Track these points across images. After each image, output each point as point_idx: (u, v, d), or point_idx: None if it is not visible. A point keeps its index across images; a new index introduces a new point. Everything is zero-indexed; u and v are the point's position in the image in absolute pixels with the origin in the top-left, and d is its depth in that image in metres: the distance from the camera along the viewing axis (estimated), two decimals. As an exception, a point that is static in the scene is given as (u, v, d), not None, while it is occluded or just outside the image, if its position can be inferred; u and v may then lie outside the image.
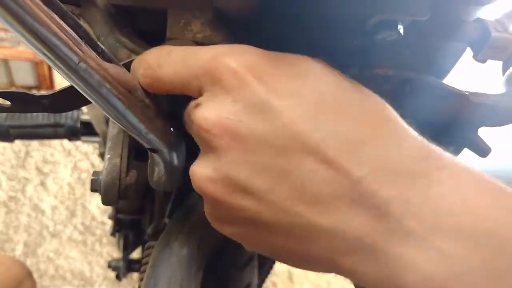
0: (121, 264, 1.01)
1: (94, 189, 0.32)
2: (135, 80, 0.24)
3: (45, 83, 1.67)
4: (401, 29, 0.25)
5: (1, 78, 1.64)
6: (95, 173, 0.32)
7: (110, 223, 1.01)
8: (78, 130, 0.74)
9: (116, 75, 0.21)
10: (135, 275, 1.31)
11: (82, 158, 1.59)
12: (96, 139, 0.77)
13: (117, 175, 0.30)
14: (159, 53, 0.24)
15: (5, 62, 1.59)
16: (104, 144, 0.50)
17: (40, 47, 0.17)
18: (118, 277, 1.08)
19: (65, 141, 1.45)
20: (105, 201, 0.31)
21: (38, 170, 1.54)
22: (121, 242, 0.96)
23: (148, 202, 0.59)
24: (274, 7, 0.26)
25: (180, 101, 0.25)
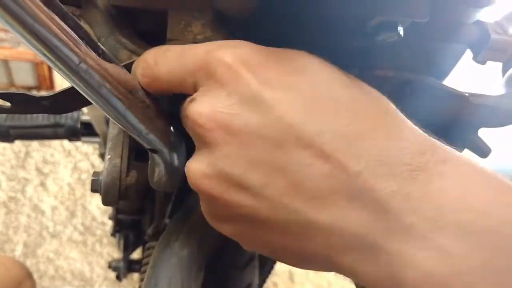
0: (122, 264, 1.01)
1: (94, 189, 0.32)
2: (135, 81, 0.24)
3: (45, 83, 1.67)
4: (401, 31, 0.25)
5: (1, 78, 1.64)
6: (95, 174, 0.32)
7: (110, 223, 1.01)
8: (78, 130, 0.74)
9: (116, 76, 0.21)
10: (135, 276, 1.31)
11: (82, 158, 1.59)
12: (96, 139, 0.77)
13: (118, 176, 0.30)
14: (156, 52, 0.25)
15: (5, 62, 1.59)
16: (104, 144, 0.50)
17: (41, 48, 0.17)
18: (119, 277, 1.08)
19: (65, 142, 1.46)
20: (106, 202, 0.31)
21: (38, 170, 1.54)
22: (122, 242, 0.96)
23: (148, 202, 0.59)
24: (274, 8, 0.26)
25: (180, 101, 0.25)
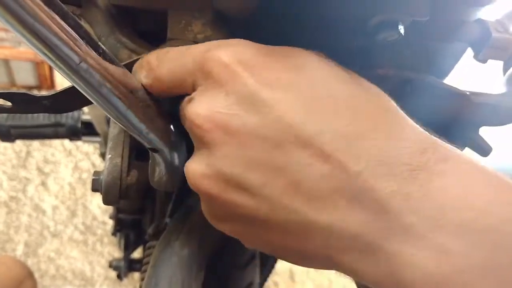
0: (122, 264, 1.01)
1: (95, 189, 0.32)
2: (136, 80, 0.24)
3: (45, 83, 1.67)
4: (401, 30, 0.25)
5: (2, 78, 1.64)
6: (96, 173, 0.32)
7: (111, 223, 1.01)
8: (79, 130, 0.74)
9: (117, 75, 0.21)
10: (136, 275, 1.31)
11: (83, 158, 1.59)
12: (97, 139, 0.77)
13: (118, 175, 0.30)
14: (158, 54, 0.25)
15: (6, 62, 1.59)
16: (105, 144, 0.50)
17: (41, 47, 0.17)
18: (119, 277, 1.08)
19: (66, 141, 1.45)
20: (106, 201, 0.31)
21: (39, 170, 1.55)
22: (122, 242, 0.96)
23: (149, 202, 0.60)
24: (274, 7, 0.26)
25: (180, 100, 0.25)
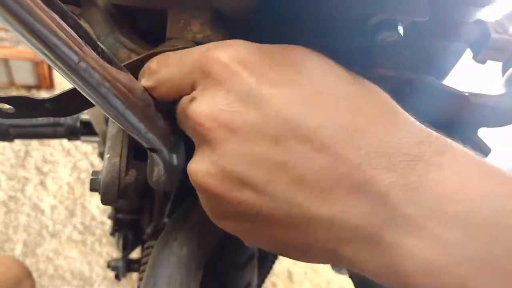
0: (121, 264, 1.01)
1: (93, 188, 0.32)
2: (135, 80, 0.24)
3: (45, 82, 1.67)
4: (401, 30, 0.25)
5: (1, 77, 1.64)
6: (94, 173, 0.32)
7: (109, 222, 1.01)
8: (78, 129, 0.74)
9: (116, 75, 0.21)
10: (134, 275, 1.31)
11: (82, 157, 1.59)
12: (96, 138, 0.76)
13: (117, 175, 0.30)
14: (159, 58, 0.25)
15: (5, 61, 1.58)
16: (104, 143, 0.50)
17: (40, 46, 0.17)
18: (118, 277, 1.08)
19: (65, 141, 1.45)
20: (105, 201, 0.31)
21: (38, 169, 1.54)
22: (121, 242, 0.96)
23: (147, 201, 0.59)
24: (274, 7, 0.26)
25: (179, 100, 0.25)
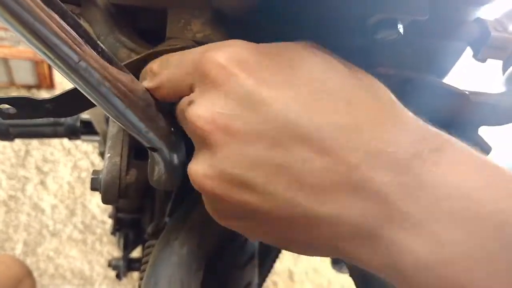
0: (121, 263, 1.01)
1: (94, 188, 0.32)
2: (135, 79, 0.24)
3: (45, 82, 1.67)
4: (400, 29, 0.25)
5: (1, 77, 1.64)
6: (95, 172, 0.32)
7: (110, 222, 1.01)
8: (78, 129, 0.74)
9: (116, 74, 0.21)
10: (135, 274, 1.31)
11: (82, 157, 1.59)
12: (96, 138, 0.76)
13: (117, 174, 0.30)
14: (161, 60, 0.25)
15: (5, 61, 1.58)
16: (104, 143, 0.50)
17: (40, 46, 0.17)
18: (118, 276, 1.08)
19: (65, 140, 1.45)
20: (105, 200, 0.31)
21: (38, 169, 1.54)
22: (121, 241, 0.96)
23: (148, 201, 0.59)
24: (274, 7, 0.26)
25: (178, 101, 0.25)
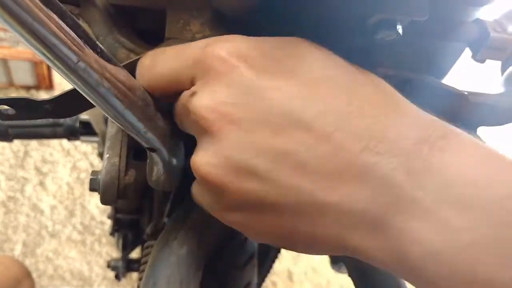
0: (120, 263, 1.01)
1: (93, 188, 0.32)
2: (134, 80, 0.24)
3: (44, 82, 1.67)
4: (400, 29, 0.25)
5: (0, 78, 1.64)
6: (94, 173, 0.32)
7: (109, 222, 1.01)
8: (77, 130, 0.74)
9: (115, 75, 0.21)
10: (134, 275, 1.31)
11: (81, 158, 1.58)
12: (95, 138, 0.76)
13: (116, 175, 0.30)
14: (154, 54, 0.25)
15: (4, 62, 1.58)
16: (103, 143, 0.50)
17: (39, 46, 0.17)
18: (117, 277, 1.08)
19: (64, 141, 1.45)
20: (104, 201, 0.31)
21: (37, 170, 1.54)
22: (120, 241, 0.96)
23: (147, 201, 0.59)
24: (273, 7, 0.26)
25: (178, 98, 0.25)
